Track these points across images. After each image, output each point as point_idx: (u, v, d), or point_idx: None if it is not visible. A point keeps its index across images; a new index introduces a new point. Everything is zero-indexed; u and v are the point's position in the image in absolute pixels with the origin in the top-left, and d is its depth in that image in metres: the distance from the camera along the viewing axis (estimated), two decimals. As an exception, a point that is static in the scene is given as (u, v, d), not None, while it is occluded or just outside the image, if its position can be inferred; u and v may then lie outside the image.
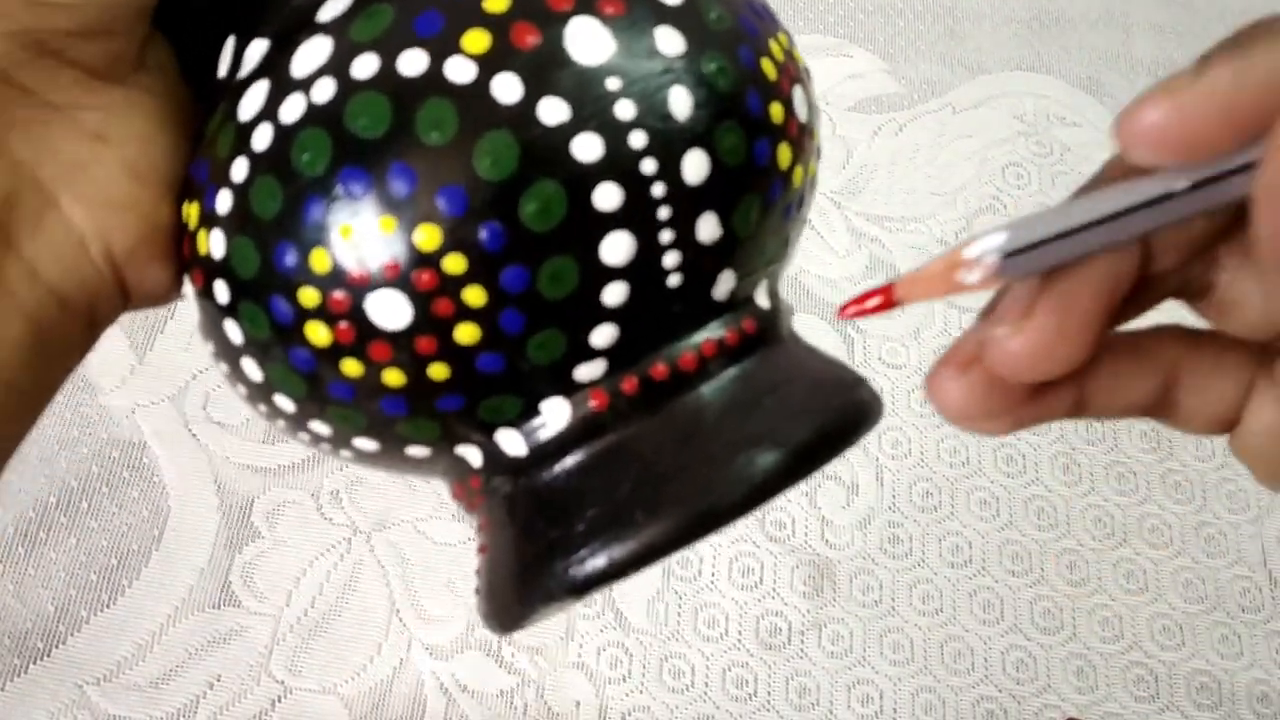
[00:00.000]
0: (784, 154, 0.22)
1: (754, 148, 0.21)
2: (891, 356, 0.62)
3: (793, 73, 0.22)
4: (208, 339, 0.23)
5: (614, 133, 0.19)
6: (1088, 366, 0.18)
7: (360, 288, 0.19)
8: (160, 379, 0.57)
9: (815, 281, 0.64)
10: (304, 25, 0.20)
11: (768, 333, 0.23)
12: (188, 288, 0.22)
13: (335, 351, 0.20)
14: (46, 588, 0.51)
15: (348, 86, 0.19)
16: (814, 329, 0.62)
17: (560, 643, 0.52)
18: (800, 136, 0.22)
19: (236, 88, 0.21)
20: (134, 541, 0.53)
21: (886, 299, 0.18)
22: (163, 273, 0.22)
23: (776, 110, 0.21)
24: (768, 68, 0.21)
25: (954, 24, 0.76)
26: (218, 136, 0.21)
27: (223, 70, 0.22)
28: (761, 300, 0.23)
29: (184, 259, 0.22)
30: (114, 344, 0.57)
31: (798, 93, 0.22)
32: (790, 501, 0.57)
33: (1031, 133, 0.71)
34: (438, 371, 0.20)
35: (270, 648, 0.51)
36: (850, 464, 0.58)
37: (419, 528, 0.54)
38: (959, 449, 0.59)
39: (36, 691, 0.49)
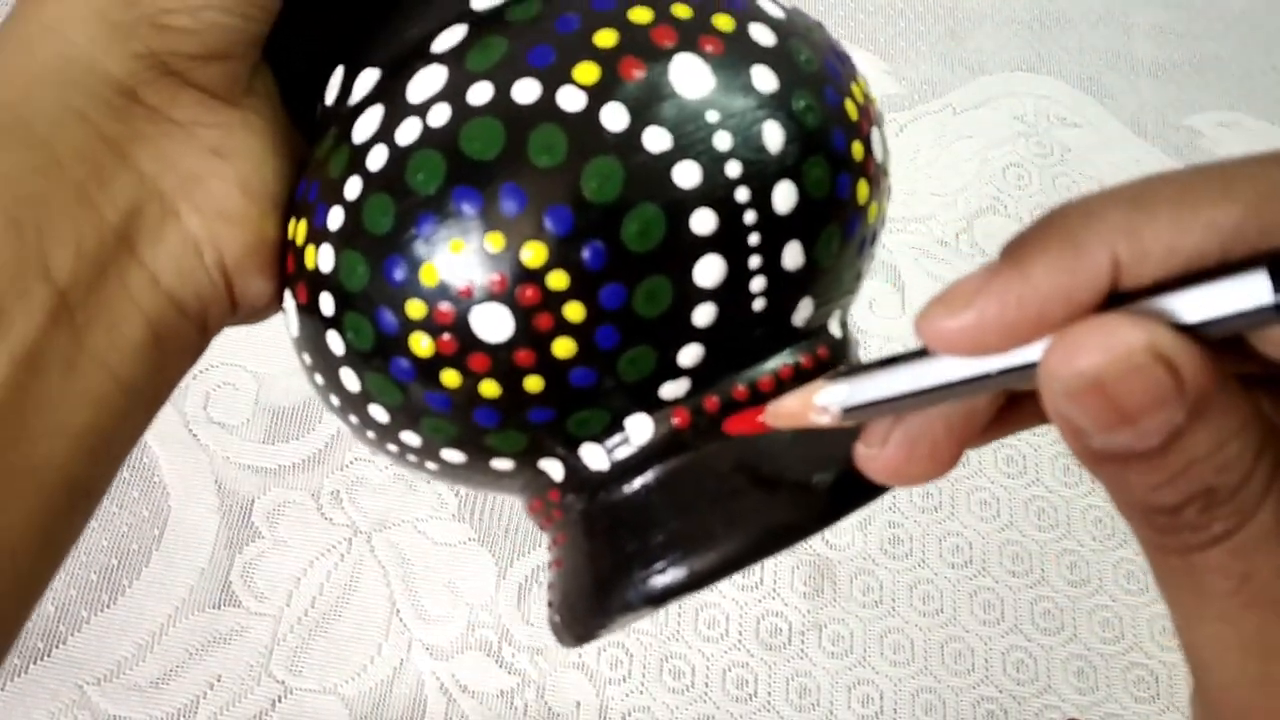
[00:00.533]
0: (863, 190, 0.23)
1: (837, 182, 0.22)
2: (892, 357, 0.62)
3: (871, 115, 0.24)
4: (305, 351, 0.24)
5: (712, 162, 0.20)
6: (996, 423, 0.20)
7: (466, 301, 0.20)
8: (161, 379, 0.57)
9: (816, 282, 0.64)
10: (418, 55, 0.22)
11: (840, 361, 0.24)
12: (289, 303, 0.23)
13: (436, 362, 0.21)
14: (46, 587, 0.51)
15: (463, 112, 0.20)
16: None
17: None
18: (876, 174, 0.24)
19: (348, 114, 0.22)
20: (134, 541, 0.53)
21: (760, 420, 0.21)
22: (266, 285, 0.24)
23: (858, 148, 0.23)
24: (850, 108, 0.23)
25: (955, 25, 0.76)
26: (329, 158, 0.22)
27: (330, 99, 0.23)
28: (835, 329, 0.24)
29: (287, 274, 0.23)
30: (114, 344, 0.57)
31: (875, 134, 0.24)
32: (791, 502, 0.57)
33: (1032, 133, 0.71)
34: (533, 384, 0.21)
35: (270, 648, 0.51)
36: (851, 464, 0.58)
37: (419, 528, 0.54)
38: (959, 449, 0.59)
39: (37, 691, 0.49)
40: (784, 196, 0.21)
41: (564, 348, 0.20)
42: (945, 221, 0.67)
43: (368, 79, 0.22)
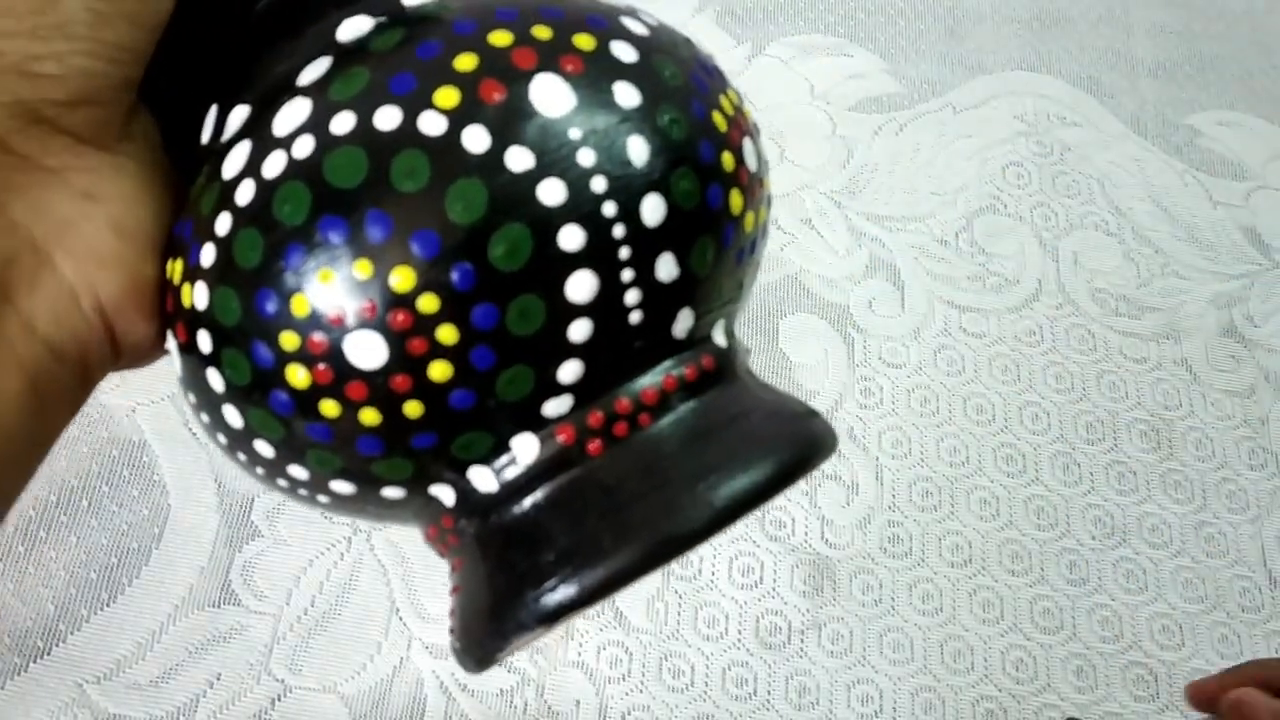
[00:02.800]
0: (735, 200, 0.23)
1: (707, 192, 0.22)
2: (892, 356, 0.62)
3: (742, 125, 0.24)
4: (189, 390, 0.24)
5: (576, 178, 0.20)
6: None
7: (338, 329, 0.20)
8: (160, 378, 0.57)
9: (816, 281, 0.64)
10: (285, 89, 0.22)
11: (725, 369, 0.24)
12: (170, 344, 0.24)
13: (314, 393, 0.21)
14: (47, 586, 0.51)
15: (326, 141, 0.20)
16: (814, 329, 0.62)
17: (560, 642, 0.52)
18: (751, 184, 0.24)
19: (220, 151, 0.22)
20: (134, 540, 0.53)
21: None
22: (147, 327, 0.23)
23: (728, 159, 0.23)
24: (718, 120, 0.23)
25: (954, 24, 0.76)
26: (201, 196, 0.22)
27: (205, 138, 0.23)
28: (719, 339, 0.25)
29: (167, 315, 0.23)
30: (114, 343, 0.57)
31: (747, 144, 0.24)
32: (790, 501, 0.57)
33: (1032, 132, 0.71)
34: (412, 409, 0.21)
35: (270, 646, 0.51)
36: (850, 464, 0.58)
37: (419, 527, 0.54)
38: (959, 449, 0.59)
39: (37, 690, 0.49)
40: (652, 209, 0.21)
41: (440, 371, 0.20)
42: (945, 220, 0.67)
43: (238, 115, 0.22)
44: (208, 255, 0.21)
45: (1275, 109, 0.74)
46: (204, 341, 0.22)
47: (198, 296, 0.22)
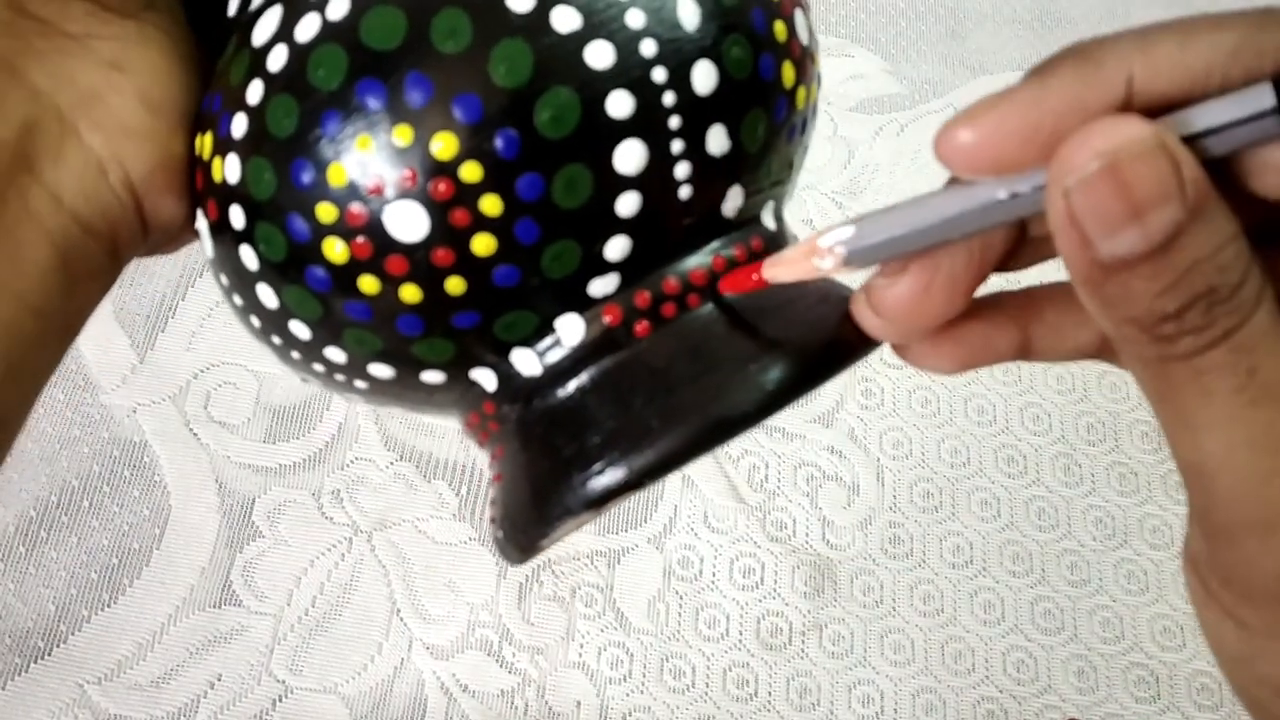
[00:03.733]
0: (788, 72, 0.22)
1: (759, 62, 0.21)
2: (892, 356, 0.62)
3: None
4: (221, 272, 0.23)
5: (625, 41, 0.20)
6: (1030, 311, 0.20)
7: (377, 199, 0.19)
8: (161, 378, 0.57)
9: (816, 282, 0.64)
10: None
11: (774, 252, 0.23)
12: (201, 223, 0.23)
13: (352, 268, 0.20)
14: (48, 586, 0.51)
15: (363, 2, 0.19)
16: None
17: (561, 643, 0.52)
18: (802, 58, 0.23)
19: (249, 19, 0.21)
20: (135, 541, 0.53)
21: (758, 277, 0.20)
22: (177, 205, 0.23)
23: (780, 29, 0.22)
24: None
25: (956, 25, 0.76)
26: (231, 66, 0.21)
27: (232, 9, 0.22)
28: (769, 221, 0.24)
29: (196, 193, 0.22)
30: (115, 343, 0.57)
31: (799, 16, 0.23)
32: (791, 502, 0.57)
33: (1033, 133, 0.71)
34: (454, 285, 0.20)
35: (271, 647, 0.51)
36: (851, 464, 0.58)
37: (419, 527, 0.54)
38: (960, 449, 0.59)
39: (37, 690, 0.49)
40: (704, 77, 0.20)
41: (483, 244, 0.20)
42: (946, 221, 0.67)
43: None
44: (239, 126, 0.20)
45: (1277, 110, 0.74)
46: (236, 217, 0.21)
47: (229, 169, 0.21)
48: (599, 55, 0.19)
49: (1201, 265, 0.16)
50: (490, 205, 0.19)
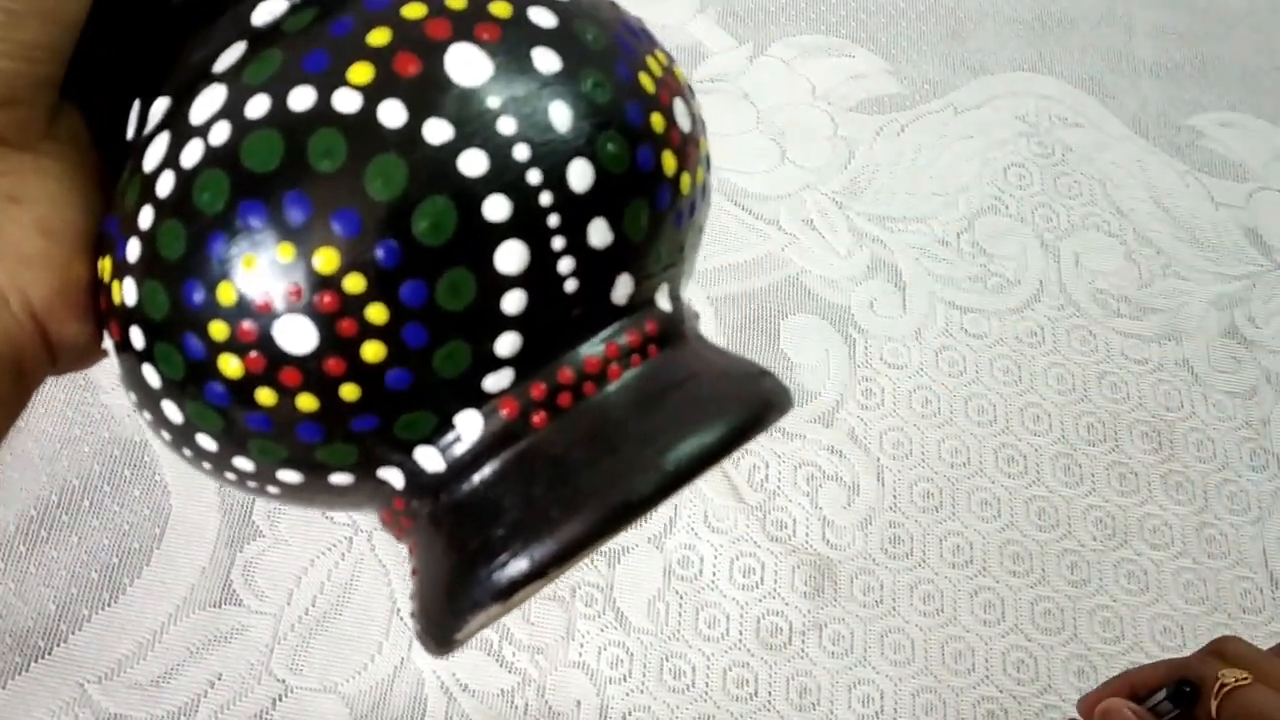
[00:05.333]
0: (669, 161, 0.23)
1: (637, 155, 0.22)
2: (893, 357, 0.62)
3: (672, 86, 0.24)
4: (129, 389, 0.23)
5: (498, 147, 0.20)
6: None
7: (266, 316, 0.20)
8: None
9: (817, 282, 0.64)
10: (201, 77, 0.22)
11: (670, 333, 0.24)
12: (108, 343, 0.23)
13: (248, 382, 0.21)
14: (48, 586, 0.51)
15: (242, 126, 0.20)
16: (816, 329, 0.62)
17: (561, 642, 0.52)
18: (684, 145, 0.23)
19: (141, 144, 0.22)
20: (135, 540, 0.53)
21: None
22: (80, 327, 0.23)
23: (657, 120, 0.23)
24: (645, 81, 0.23)
25: (956, 25, 0.76)
26: (126, 191, 0.22)
27: (130, 132, 0.23)
28: (663, 303, 0.24)
29: (101, 314, 0.23)
30: (116, 343, 0.57)
31: (679, 104, 0.24)
32: (791, 502, 0.57)
33: (1033, 133, 0.71)
34: (349, 392, 0.21)
35: (271, 646, 0.51)
36: (851, 465, 0.58)
37: (420, 527, 0.54)
38: (960, 449, 0.59)
39: (38, 689, 0.49)
40: (579, 175, 0.21)
41: (373, 351, 0.20)
42: (946, 221, 0.67)
43: (159, 107, 0.22)
44: (133, 250, 0.21)
45: (1277, 110, 0.74)
46: (137, 338, 0.21)
47: (127, 292, 0.21)
48: (472, 163, 0.20)
49: None
50: (376, 314, 0.20)
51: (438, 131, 0.20)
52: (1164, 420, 0.61)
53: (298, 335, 0.20)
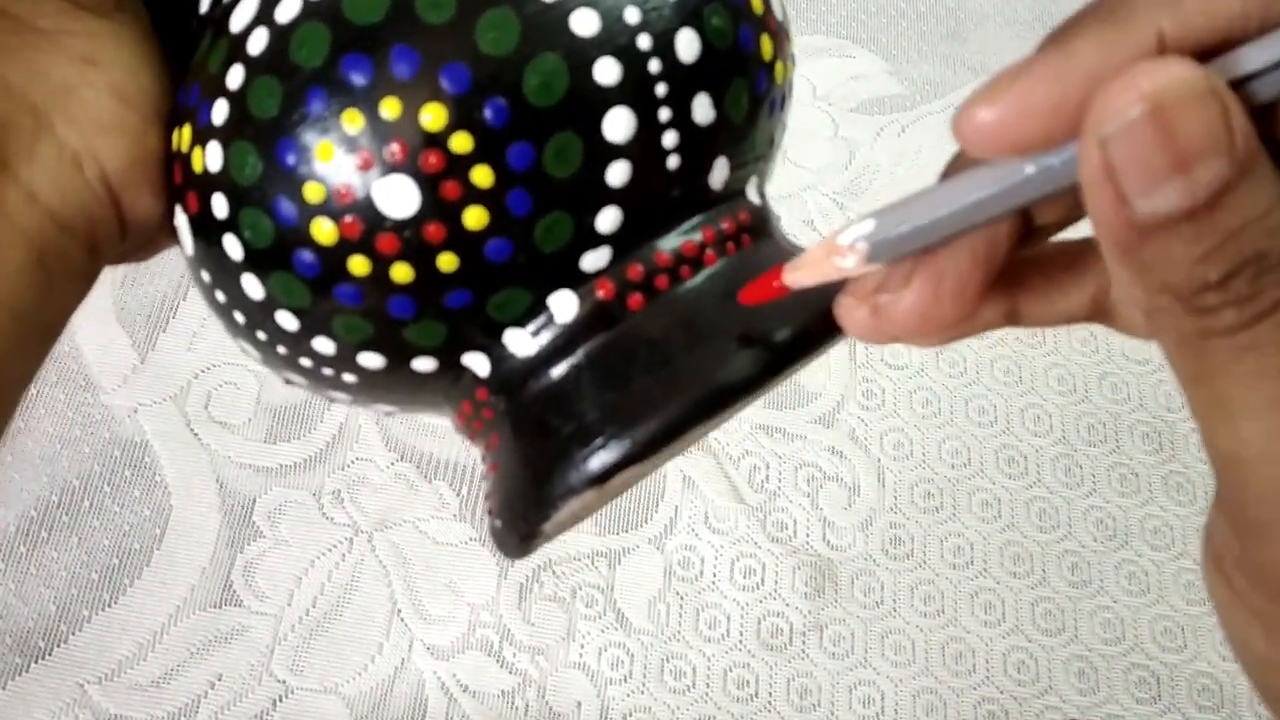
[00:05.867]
0: (766, 45, 0.22)
1: (739, 33, 0.21)
2: (893, 357, 0.62)
3: None
4: (201, 267, 0.22)
5: (609, 8, 0.19)
6: (1017, 278, 0.19)
7: (366, 176, 0.19)
8: (162, 378, 0.57)
9: (817, 282, 0.64)
10: None
11: (761, 226, 0.23)
12: (180, 220, 0.22)
13: (342, 249, 0.20)
14: (48, 586, 0.51)
15: None
16: (816, 330, 0.62)
17: (561, 643, 0.52)
18: (778, 32, 0.23)
19: (224, 11, 0.21)
20: (136, 541, 0.53)
21: (779, 284, 0.20)
22: (153, 201, 0.22)
23: (756, 2, 0.22)
24: None
25: (957, 25, 0.76)
26: (208, 56, 0.21)
27: (204, 6, 0.22)
28: (753, 196, 0.24)
29: (175, 189, 0.22)
30: (116, 343, 0.57)
31: None
32: (792, 502, 0.57)
33: (1034, 134, 0.71)
34: (446, 262, 0.20)
35: (272, 647, 0.51)
36: (852, 465, 0.58)
37: (420, 528, 0.54)
38: (960, 450, 0.59)
39: (38, 690, 0.49)
40: (687, 45, 0.20)
41: (475, 217, 0.19)
42: (947, 222, 0.67)
43: None
44: (219, 112, 0.20)
45: (1278, 111, 0.74)
46: (219, 205, 0.20)
47: (210, 158, 0.20)
48: (584, 22, 0.19)
49: (1250, 227, 0.14)
50: (481, 176, 0.19)
51: None
52: (1165, 421, 0.61)
53: (399, 197, 0.19)
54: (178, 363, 0.57)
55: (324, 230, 0.20)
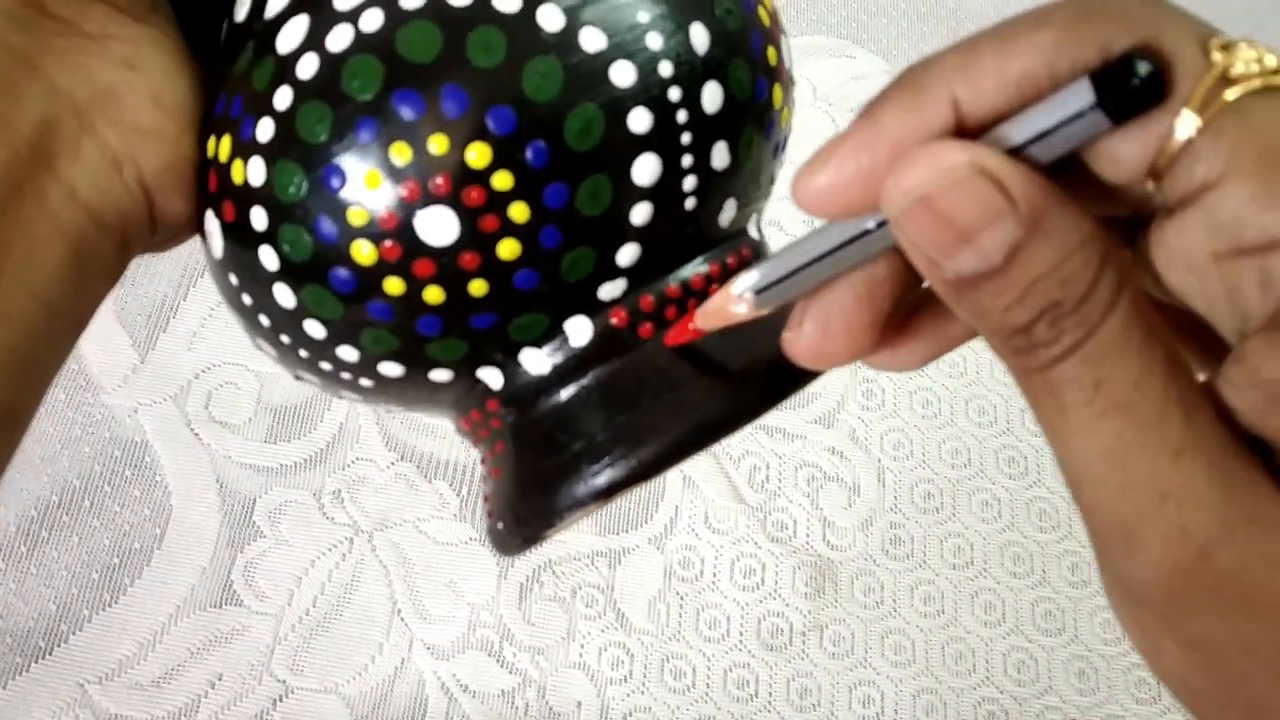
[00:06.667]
0: (778, 94, 0.24)
1: (757, 84, 0.23)
2: (893, 358, 0.62)
3: (779, 24, 0.25)
4: (230, 271, 0.23)
5: (645, 61, 0.21)
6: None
7: (410, 205, 0.20)
8: (162, 378, 0.57)
9: (817, 282, 0.64)
10: None
11: (759, 259, 0.25)
12: (211, 224, 0.23)
13: (379, 270, 0.21)
14: (48, 586, 0.51)
15: (397, 16, 0.20)
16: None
17: (562, 643, 0.52)
18: (787, 81, 0.25)
19: (266, 27, 0.22)
20: (136, 540, 0.53)
21: (694, 327, 0.22)
22: (184, 204, 0.23)
23: (772, 53, 0.24)
24: (763, 14, 0.24)
25: (956, 26, 0.76)
26: (252, 72, 0.22)
27: (240, 15, 0.23)
28: (754, 232, 0.26)
29: (208, 194, 0.23)
30: (116, 343, 0.57)
31: (784, 42, 0.25)
32: (792, 503, 0.57)
33: (1034, 134, 0.71)
34: (477, 288, 0.21)
35: (272, 647, 0.51)
36: (852, 465, 0.58)
37: (420, 527, 0.54)
38: (961, 450, 0.59)
39: (38, 690, 0.49)
40: (712, 97, 0.22)
41: (509, 249, 0.21)
42: (947, 222, 0.67)
43: None
44: (265, 130, 0.21)
45: (1277, 111, 0.74)
46: (258, 218, 0.21)
47: (253, 172, 0.21)
48: (622, 74, 0.21)
49: (1043, 280, 0.16)
50: (519, 212, 0.20)
51: (593, 39, 0.21)
52: (1165, 421, 0.61)
53: (440, 227, 0.20)
54: (178, 362, 0.57)
55: (363, 252, 0.21)
